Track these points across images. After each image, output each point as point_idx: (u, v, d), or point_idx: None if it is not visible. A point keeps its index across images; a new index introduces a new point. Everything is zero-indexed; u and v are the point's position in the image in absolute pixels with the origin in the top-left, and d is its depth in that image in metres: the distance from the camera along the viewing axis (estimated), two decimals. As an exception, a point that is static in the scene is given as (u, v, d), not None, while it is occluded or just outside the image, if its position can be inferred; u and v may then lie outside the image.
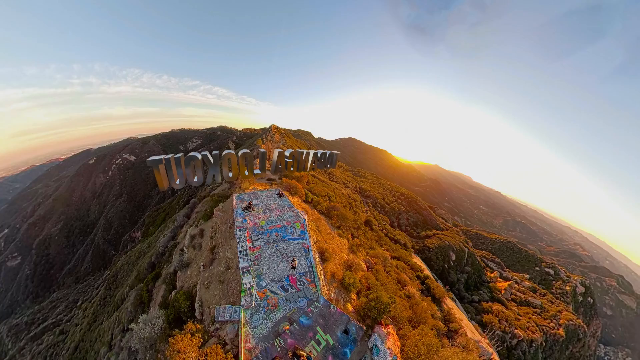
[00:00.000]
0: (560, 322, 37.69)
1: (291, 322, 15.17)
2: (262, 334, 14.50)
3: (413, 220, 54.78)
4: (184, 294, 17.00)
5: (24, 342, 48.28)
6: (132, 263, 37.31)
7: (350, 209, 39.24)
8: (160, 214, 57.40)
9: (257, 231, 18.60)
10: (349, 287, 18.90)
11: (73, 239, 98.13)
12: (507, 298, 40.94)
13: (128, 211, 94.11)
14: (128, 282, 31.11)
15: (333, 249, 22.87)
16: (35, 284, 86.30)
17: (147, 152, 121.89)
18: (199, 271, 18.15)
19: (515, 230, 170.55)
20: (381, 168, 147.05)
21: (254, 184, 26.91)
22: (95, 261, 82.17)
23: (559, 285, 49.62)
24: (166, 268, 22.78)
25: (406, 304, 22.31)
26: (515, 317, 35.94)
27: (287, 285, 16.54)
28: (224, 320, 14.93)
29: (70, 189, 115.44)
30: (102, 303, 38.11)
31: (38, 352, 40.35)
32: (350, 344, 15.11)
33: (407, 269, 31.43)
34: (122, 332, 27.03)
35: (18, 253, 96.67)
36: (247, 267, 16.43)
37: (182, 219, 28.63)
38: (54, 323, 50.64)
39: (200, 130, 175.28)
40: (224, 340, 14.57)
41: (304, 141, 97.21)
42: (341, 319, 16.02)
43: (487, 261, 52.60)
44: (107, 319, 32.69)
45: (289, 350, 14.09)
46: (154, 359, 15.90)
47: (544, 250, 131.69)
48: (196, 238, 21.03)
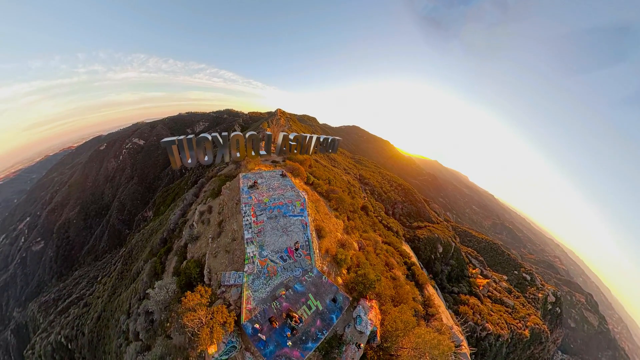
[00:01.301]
0: (527, 324, 39.77)
1: (287, 288, 16.77)
2: (262, 297, 16.15)
3: (407, 211, 55.88)
4: (194, 262, 18.63)
5: (53, 316, 52.31)
6: (146, 240, 39.52)
7: (349, 193, 40.16)
8: (170, 194, 59.57)
9: (261, 207, 19.95)
10: (341, 262, 20.33)
11: (90, 221, 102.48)
12: (484, 294, 42.64)
13: (139, 192, 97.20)
14: (142, 256, 33.24)
15: (329, 227, 24.12)
16: (59, 264, 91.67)
17: (156, 136, 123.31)
18: (208, 243, 19.69)
19: (502, 234, 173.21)
20: (382, 158, 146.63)
21: (259, 164, 27.97)
22: (112, 240, 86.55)
23: (532, 291, 51.81)
24: (177, 242, 24.44)
25: (391, 284, 23.50)
26: (488, 313, 37.74)
27: (285, 256, 18.03)
28: (229, 284, 16.57)
29: (84, 175, 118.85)
30: (120, 277, 40.81)
31: (66, 323, 43.75)
32: (337, 312, 16.74)
33: (396, 254, 32.40)
34: (138, 300, 29.28)
35: (41, 238, 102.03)
36: (251, 239, 17.90)
37: (191, 198, 30.14)
38: (78, 297, 54.46)
39: (207, 114, 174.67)
40: (229, 301, 16.25)
41: (309, 126, 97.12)
42: (331, 289, 17.55)
43: (471, 258, 54.09)
44: (124, 291, 35.22)
45: (284, 312, 15.75)
46: (168, 317, 17.79)
47: (525, 256, 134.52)
48: (205, 214, 22.48)
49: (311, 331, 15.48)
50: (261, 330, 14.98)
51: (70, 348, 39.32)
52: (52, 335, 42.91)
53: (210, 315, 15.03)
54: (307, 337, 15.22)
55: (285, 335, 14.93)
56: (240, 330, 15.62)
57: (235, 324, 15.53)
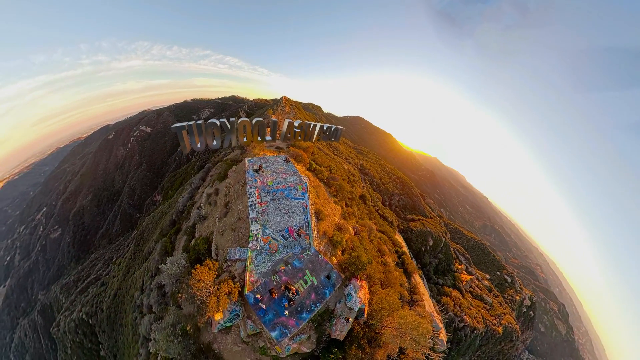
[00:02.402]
0: (501, 322, 41.54)
1: (286, 264, 17.96)
2: (263, 271, 17.39)
3: (403, 203, 56.59)
4: (202, 239, 19.88)
5: (74, 296, 55.48)
6: (156, 222, 41.21)
7: (349, 182, 40.85)
8: (178, 179, 61.18)
9: (265, 189, 20.96)
10: (336, 244, 21.42)
11: (103, 207, 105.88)
12: (466, 289, 44.06)
13: (148, 178, 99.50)
14: (153, 237, 34.90)
15: (328, 212, 25.05)
16: (76, 248, 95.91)
17: (162, 123, 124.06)
18: (215, 222, 20.87)
19: (491, 236, 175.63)
20: (383, 150, 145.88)
21: (264, 150, 28.72)
22: (124, 224, 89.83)
23: (511, 292, 53.48)
24: (186, 223, 25.75)
25: (381, 269, 24.43)
26: (468, 306, 39.34)
27: (286, 234, 19.15)
28: (234, 259, 17.82)
29: (94, 164, 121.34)
30: (133, 257, 42.94)
31: (86, 301, 46.46)
32: (330, 287, 17.95)
33: (388, 243, 33.18)
34: (150, 278, 31.08)
35: (58, 226, 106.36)
36: (255, 218, 19.02)
37: (198, 182, 31.27)
38: (95, 278, 57.43)
39: (213, 100, 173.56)
40: (234, 274, 17.54)
41: (313, 114, 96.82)
42: (326, 267, 18.69)
43: (458, 254, 55.22)
44: (138, 269, 37.23)
45: (283, 285, 17.01)
46: (179, 289, 19.23)
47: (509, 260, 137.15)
48: (212, 196, 23.57)
49: (306, 303, 16.75)
50: (262, 300, 16.27)
51: (91, 323, 42.07)
52: (74, 313, 45.67)
53: (217, 286, 16.35)
54: (302, 308, 16.50)
55: (283, 305, 16.22)
56: (244, 300, 16.94)
57: (239, 295, 16.84)
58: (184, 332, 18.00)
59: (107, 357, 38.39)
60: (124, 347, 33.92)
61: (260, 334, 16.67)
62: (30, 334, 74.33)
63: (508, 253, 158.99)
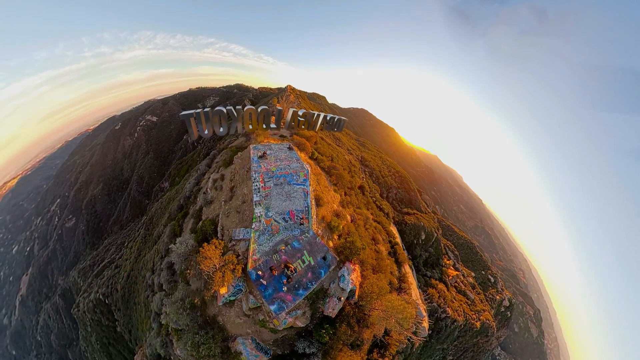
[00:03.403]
0: (480, 317, 43.53)
1: (286, 244, 19.00)
2: (265, 250, 18.48)
3: (400, 197, 57.25)
4: (209, 221, 20.98)
5: (90, 279, 58.37)
6: (164, 207, 42.70)
7: (349, 172, 41.34)
8: (184, 166, 62.55)
9: (268, 175, 21.89)
10: (334, 229, 22.33)
11: (113, 195, 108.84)
12: (451, 284, 45.77)
13: (156, 166, 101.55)
14: (162, 222, 36.35)
15: (327, 199, 25.82)
16: (90, 235, 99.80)
17: (168, 112, 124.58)
18: (221, 205, 21.90)
19: (480, 237, 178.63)
20: (385, 144, 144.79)
21: (268, 138, 29.32)
22: (134, 210, 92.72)
23: (492, 292, 55.31)
24: (193, 207, 26.84)
25: (374, 255, 25.35)
26: (451, 300, 41.15)
27: (287, 217, 20.14)
28: (238, 238, 18.93)
29: (103, 155, 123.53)
30: (144, 241, 44.80)
31: (102, 283, 48.94)
32: (325, 268, 19.01)
33: (383, 232, 33.88)
34: (160, 259, 32.62)
35: (72, 215, 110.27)
36: (259, 201, 20.02)
37: (204, 168, 32.24)
38: (109, 261, 60.03)
39: (217, 88, 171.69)
40: (238, 252, 18.65)
41: (318, 105, 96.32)
42: (322, 249, 19.69)
43: (448, 250, 56.45)
44: (148, 252, 38.97)
45: (282, 263, 18.09)
46: (188, 266, 20.50)
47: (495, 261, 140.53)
48: (218, 181, 24.52)
49: (303, 281, 17.86)
50: (263, 276, 17.40)
51: (107, 303, 44.50)
52: (92, 294, 48.23)
53: (223, 263, 17.49)
54: (299, 285, 17.63)
55: (282, 282, 17.33)
56: (246, 276, 18.10)
57: (242, 271, 17.98)
58: (192, 305, 19.32)
59: (123, 333, 40.89)
60: (138, 323, 36.10)
61: (260, 308, 17.88)
62: (53, 315, 79.17)
63: (495, 255, 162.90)
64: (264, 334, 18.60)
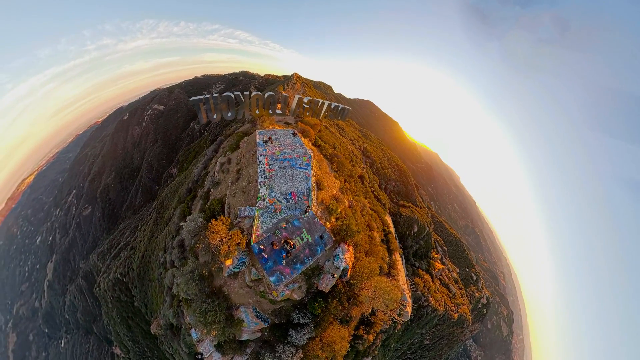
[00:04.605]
0: (458, 310, 45.86)
1: (287, 222, 20.14)
2: (267, 227, 19.67)
3: (397, 190, 57.73)
4: (216, 200, 22.25)
5: (109, 261, 61.64)
6: (174, 192, 44.44)
7: (350, 161, 41.87)
8: (192, 152, 64.00)
9: (273, 158, 22.96)
10: (332, 211, 23.35)
11: (125, 183, 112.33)
12: (437, 276, 47.58)
13: (164, 153, 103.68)
14: (172, 205, 38.05)
15: (327, 183, 26.68)
16: (106, 221, 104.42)
17: (174, 100, 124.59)
18: (228, 186, 23.10)
19: (469, 236, 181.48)
20: (388, 137, 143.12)
21: (274, 124, 30.01)
22: (145, 196, 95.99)
23: (473, 289, 57.77)
24: (201, 190, 28.13)
25: (368, 240, 26.28)
26: (434, 290, 43.09)
27: (289, 198, 21.25)
28: (243, 216, 20.16)
29: (113, 145, 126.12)
30: (155, 223, 46.97)
31: (119, 264, 51.68)
32: (322, 246, 20.12)
33: (378, 221, 34.61)
34: (172, 239, 34.35)
35: (88, 204, 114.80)
36: (263, 182, 21.15)
37: (211, 153, 33.45)
38: (125, 244, 63.04)
39: (223, 76, 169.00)
40: (243, 228, 19.91)
41: (324, 93, 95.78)
42: (320, 228, 20.76)
43: (437, 245, 57.78)
44: (160, 233, 40.99)
45: (283, 239, 19.27)
46: (197, 241, 21.93)
47: (479, 261, 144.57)
48: (225, 165, 25.65)
49: (301, 256, 19.06)
50: (264, 250, 18.63)
51: (125, 281, 47.32)
52: (110, 274, 51.13)
53: (229, 237, 18.75)
54: (297, 260, 18.84)
55: (282, 256, 18.54)
56: (250, 251, 19.38)
57: (246, 245, 19.26)
58: (200, 276, 20.81)
59: (140, 307, 43.74)
60: (153, 297, 38.61)
61: (261, 280, 19.21)
62: (78, 296, 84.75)
63: (480, 255, 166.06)
64: (264, 304, 20.04)
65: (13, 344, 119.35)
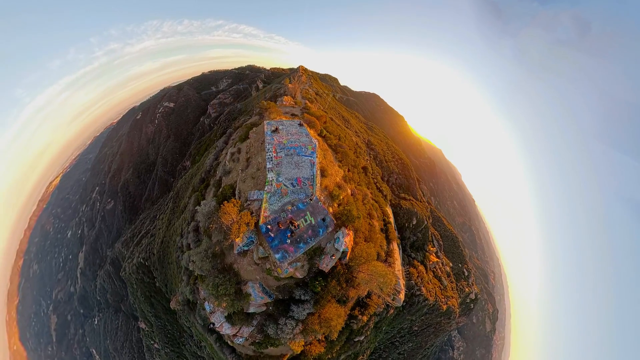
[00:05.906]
0: (448, 302, 47.17)
1: (292, 205, 21.45)
2: (274, 209, 21.07)
3: (399, 183, 57.86)
4: (228, 186, 23.83)
5: (132, 248, 66.07)
6: (188, 182, 46.90)
7: (354, 152, 42.36)
8: (203, 145, 66.55)
9: (280, 146, 24.27)
10: (334, 197, 24.39)
11: (142, 177, 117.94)
12: (430, 268, 48.48)
13: (177, 147, 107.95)
14: (187, 194, 40.31)
15: (331, 172, 27.65)
16: (127, 213, 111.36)
17: (184, 97, 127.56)
18: (238, 173, 24.63)
19: (465, 234, 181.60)
20: (393, 131, 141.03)
21: (281, 115, 31.16)
22: (161, 188, 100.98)
23: (463, 284, 59.26)
24: (213, 178, 29.83)
25: (367, 227, 27.00)
26: (427, 281, 44.42)
27: (295, 183, 22.55)
28: (253, 199, 21.65)
29: (129, 143, 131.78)
30: (172, 212, 49.84)
31: (141, 250, 55.45)
32: (324, 228, 21.34)
33: (378, 211, 35.36)
34: (187, 225, 36.59)
35: (110, 199, 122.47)
36: (271, 168, 22.54)
37: (221, 145, 35.08)
38: (146, 232, 67.10)
39: (230, 71, 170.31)
40: (252, 210, 21.38)
41: (330, 86, 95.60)
42: (323, 212, 21.94)
43: (434, 238, 58.49)
44: (177, 221, 43.61)
45: (288, 220, 20.61)
46: (211, 222, 23.63)
47: (472, 258, 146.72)
48: (235, 154, 27.14)
49: (304, 237, 20.38)
50: (271, 230, 20.06)
51: (147, 264, 51.01)
52: (134, 259, 55.18)
53: (239, 217, 20.28)
54: (300, 240, 20.19)
55: (287, 235, 19.92)
56: (258, 231, 20.87)
57: (254, 226, 20.77)
58: (213, 254, 22.54)
59: (161, 287, 47.21)
60: (172, 278, 41.56)
61: (267, 258, 20.68)
62: (107, 280, 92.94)
63: (474, 253, 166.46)
64: (269, 280, 21.60)
65: (55, 324, 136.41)
